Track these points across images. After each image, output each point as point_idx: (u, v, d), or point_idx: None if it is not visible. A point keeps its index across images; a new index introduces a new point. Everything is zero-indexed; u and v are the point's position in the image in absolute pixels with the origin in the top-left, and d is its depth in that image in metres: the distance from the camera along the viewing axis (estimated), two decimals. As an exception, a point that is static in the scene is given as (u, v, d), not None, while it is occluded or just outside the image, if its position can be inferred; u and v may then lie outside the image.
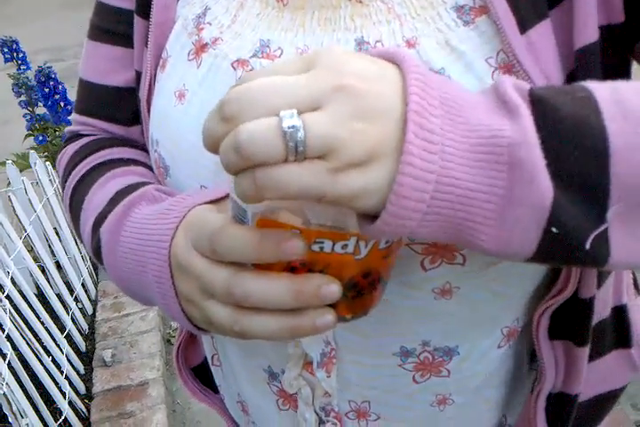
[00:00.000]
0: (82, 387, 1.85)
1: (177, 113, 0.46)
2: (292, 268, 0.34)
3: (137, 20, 0.51)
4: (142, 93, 0.51)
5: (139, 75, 0.53)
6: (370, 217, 0.31)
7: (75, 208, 0.53)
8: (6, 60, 2.27)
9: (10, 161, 2.02)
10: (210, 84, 0.44)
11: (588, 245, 0.31)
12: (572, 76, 0.39)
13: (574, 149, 0.30)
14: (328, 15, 0.41)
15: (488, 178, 0.30)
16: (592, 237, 0.31)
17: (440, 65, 0.39)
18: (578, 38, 0.38)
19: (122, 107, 0.56)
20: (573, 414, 0.49)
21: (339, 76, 0.29)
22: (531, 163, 0.30)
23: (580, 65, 0.38)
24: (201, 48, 0.45)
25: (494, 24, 0.38)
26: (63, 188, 0.57)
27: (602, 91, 0.32)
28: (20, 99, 2.21)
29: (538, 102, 0.31)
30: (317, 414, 0.50)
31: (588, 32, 0.37)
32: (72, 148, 0.59)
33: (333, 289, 0.33)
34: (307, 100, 0.29)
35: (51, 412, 1.58)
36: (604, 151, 0.30)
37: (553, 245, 0.31)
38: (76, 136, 0.60)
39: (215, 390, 0.65)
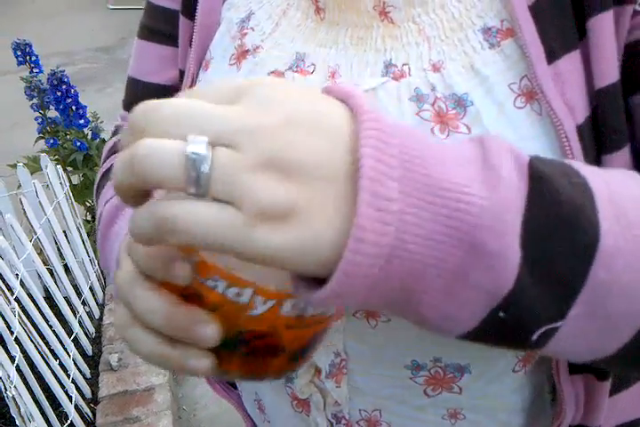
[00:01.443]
0: (88, 391, 1.84)
1: None
2: (185, 295, 0.30)
3: (182, 21, 0.52)
4: (183, 89, 0.52)
5: (182, 74, 0.54)
6: (307, 280, 0.28)
7: (98, 192, 0.59)
8: (19, 63, 2.28)
9: (21, 164, 2.02)
10: None
11: (534, 337, 0.29)
12: (594, 113, 0.38)
13: (563, 238, 0.28)
14: (361, 34, 0.42)
15: (444, 254, 0.26)
16: (543, 330, 0.29)
17: (464, 89, 0.38)
18: (598, 77, 0.37)
19: None
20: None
21: (265, 116, 0.25)
22: (496, 250, 0.27)
23: (601, 104, 0.38)
24: (242, 54, 0.46)
25: (520, 48, 0.38)
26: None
27: (597, 183, 0.30)
28: (32, 102, 2.22)
29: (539, 179, 0.28)
30: (329, 420, 0.50)
31: (608, 72, 0.37)
32: (113, 141, 0.62)
33: (208, 332, 0.29)
34: (221, 134, 0.25)
35: (57, 415, 1.58)
36: (591, 248, 0.28)
37: (496, 328, 0.29)
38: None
39: (234, 385, 0.65)
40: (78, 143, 2.20)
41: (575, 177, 0.30)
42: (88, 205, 2.39)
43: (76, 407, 1.67)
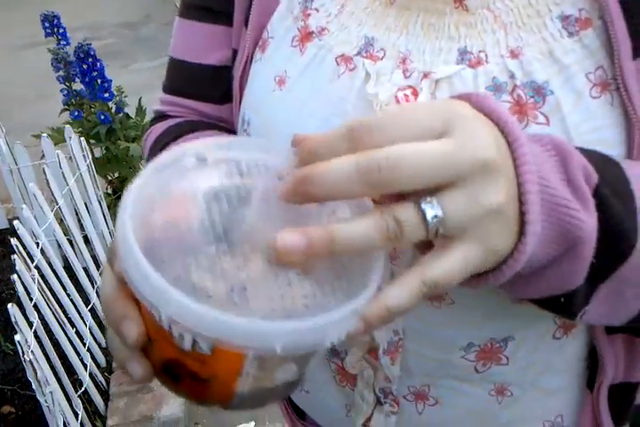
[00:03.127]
0: (103, 360, 1.88)
1: (274, 99, 0.46)
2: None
3: None
4: (237, 73, 0.51)
5: (235, 53, 0.53)
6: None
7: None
8: (47, 35, 2.30)
9: (45, 134, 2.05)
10: (311, 75, 0.44)
11: (578, 316, 0.38)
12: None
13: (608, 257, 0.35)
14: (432, 21, 0.41)
15: (551, 249, 0.34)
16: (582, 312, 0.38)
17: (544, 77, 0.38)
18: None
19: (216, 85, 0.56)
20: (636, 402, 0.49)
21: (476, 159, 0.29)
22: (586, 257, 0.34)
23: None
24: (306, 36, 0.45)
25: (598, 39, 0.38)
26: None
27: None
28: (59, 74, 2.23)
29: (603, 207, 0.34)
30: (376, 395, 0.50)
31: None
32: (159, 128, 0.59)
33: (130, 329, 0.32)
34: (449, 178, 0.29)
35: (72, 382, 1.61)
36: (622, 262, 0.35)
37: (555, 302, 0.37)
38: (162, 117, 0.61)
39: None
40: (102, 116, 2.21)
41: (628, 199, 0.35)
42: (109, 178, 2.41)
43: (91, 376, 1.71)
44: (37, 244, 1.57)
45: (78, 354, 1.66)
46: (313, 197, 0.30)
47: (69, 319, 1.66)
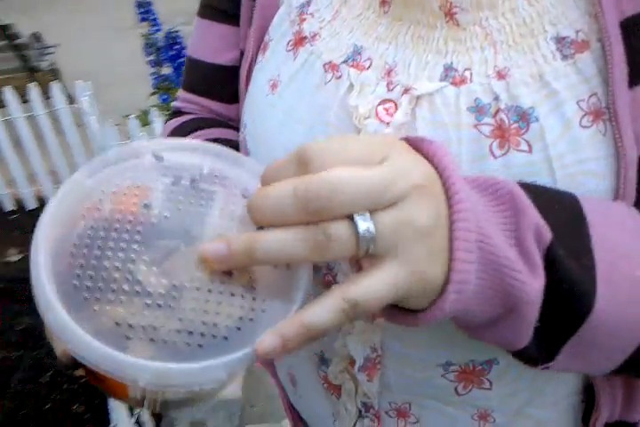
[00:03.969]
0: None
1: (266, 103, 0.46)
2: None
3: (244, 0, 0.51)
4: (242, 74, 0.52)
5: (242, 54, 0.53)
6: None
7: None
8: (142, 20, 2.39)
9: (132, 115, 2.14)
10: (300, 81, 0.44)
11: (540, 367, 0.37)
12: None
13: (564, 316, 0.34)
14: (422, 33, 0.39)
15: (491, 307, 0.33)
16: (541, 366, 0.37)
17: (530, 102, 0.36)
18: None
19: (227, 85, 0.56)
20: None
21: (405, 184, 0.29)
22: (529, 319, 0.33)
23: None
24: (299, 41, 0.44)
25: (595, 64, 0.36)
26: None
27: (601, 262, 0.34)
28: (150, 58, 2.33)
29: (553, 267, 0.32)
30: (358, 408, 0.50)
31: None
32: (173, 124, 0.61)
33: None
34: (386, 201, 0.29)
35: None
36: (581, 320, 0.33)
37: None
38: (179, 113, 0.62)
39: None
40: (187, 101, 2.29)
41: (585, 257, 0.33)
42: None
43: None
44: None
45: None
46: (256, 222, 0.30)
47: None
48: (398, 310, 0.34)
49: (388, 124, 0.39)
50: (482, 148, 0.37)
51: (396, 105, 0.39)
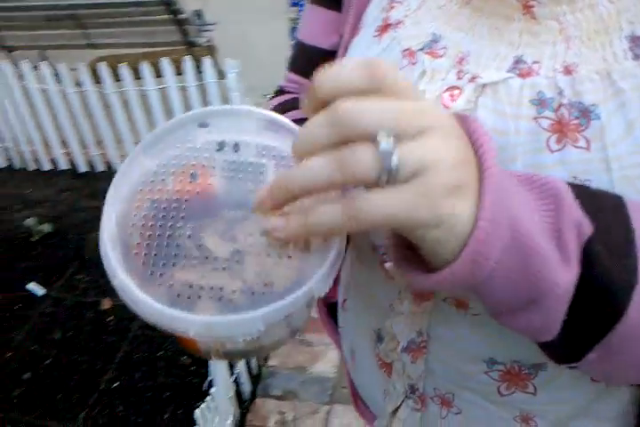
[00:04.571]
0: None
1: None
2: None
3: None
4: (338, 57, 0.54)
5: (341, 38, 0.55)
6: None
7: None
8: (292, 5, 2.48)
9: (269, 95, 2.23)
10: None
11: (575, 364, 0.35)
12: None
13: (592, 319, 0.32)
14: (499, 25, 0.40)
15: (513, 291, 0.32)
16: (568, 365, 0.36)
17: (592, 100, 0.36)
18: None
19: None
20: None
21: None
22: (553, 313, 0.32)
23: None
24: (385, 27, 0.46)
25: None
26: None
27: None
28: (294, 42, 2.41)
29: (590, 264, 0.31)
30: (406, 388, 0.51)
31: None
32: (275, 101, 0.65)
33: None
34: (414, 128, 0.29)
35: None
36: (611, 325, 0.32)
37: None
38: (282, 92, 0.66)
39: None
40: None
41: (627, 259, 0.32)
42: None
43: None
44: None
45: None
46: (296, 156, 0.31)
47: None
48: (412, 264, 0.34)
49: (449, 109, 0.40)
50: (539, 141, 0.37)
51: (461, 92, 0.40)
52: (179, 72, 2.62)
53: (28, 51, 4.01)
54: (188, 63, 2.56)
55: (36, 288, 2.34)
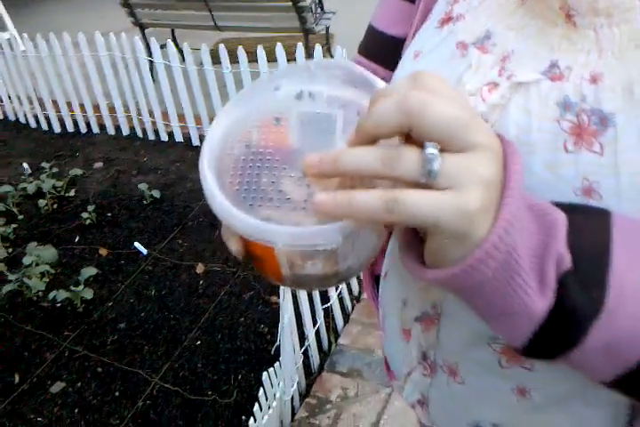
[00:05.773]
0: (356, 289, 2.13)
1: (407, 69, 0.52)
2: None
3: None
4: (406, 45, 0.57)
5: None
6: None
7: None
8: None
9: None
10: (435, 54, 0.49)
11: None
12: None
13: (559, 342, 0.36)
14: (545, 28, 0.43)
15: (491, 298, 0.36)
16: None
17: (611, 109, 0.38)
18: None
19: (394, 54, 0.62)
20: None
21: (492, 142, 0.33)
22: (520, 330, 0.36)
23: None
24: (447, 19, 0.50)
25: None
26: None
27: (613, 297, 0.35)
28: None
29: (563, 294, 0.34)
30: (419, 355, 0.56)
31: None
32: None
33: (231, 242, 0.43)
34: (460, 142, 0.32)
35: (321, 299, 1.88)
36: (571, 346, 0.35)
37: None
38: None
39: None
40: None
41: (597, 289, 0.35)
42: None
43: (340, 299, 1.95)
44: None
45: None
46: (362, 132, 0.34)
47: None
48: (412, 251, 0.37)
49: (485, 101, 0.43)
50: (557, 140, 0.40)
51: (498, 87, 0.43)
52: (292, 58, 2.73)
53: (160, 29, 4.28)
54: (299, 49, 2.66)
55: (140, 247, 2.55)
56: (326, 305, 1.91)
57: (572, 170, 0.39)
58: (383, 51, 0.65)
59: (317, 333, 1.90)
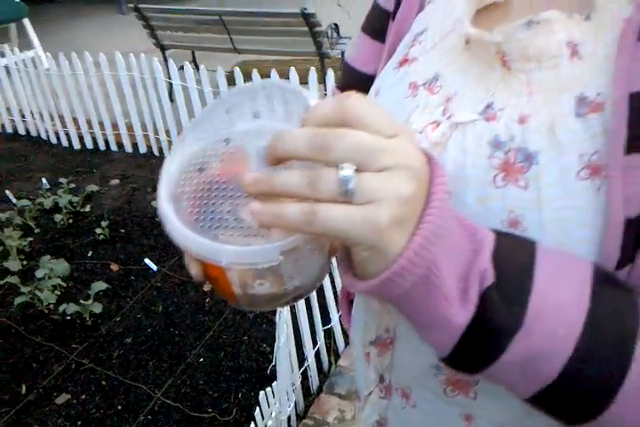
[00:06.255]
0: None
1: None
2: None
3: (390, 23, 0.60)
4: (375, 83, 0.61)
5: None
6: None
7: None
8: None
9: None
10: (391, 93, 0.53)
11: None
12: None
13: (482, 351, 0.38)
14: (485, 71, 0.45)
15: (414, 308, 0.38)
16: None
17: (536, 148, 0.41)
18: None
19: (367, 90, 0.65)
20: None
21: (410, 162, 0.34)
22: (445, 340, 0.38)
23: None
24: (404, 61, 0.53)
25: (602, 125, 0.39)
26: None
27: (533, 311, 0.37)
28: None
29: (484, 307, 0.37)
30: (376, 377, 0.58)
31: None
32: None
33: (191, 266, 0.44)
34: (378, 164, 0.34)
35: (322, 320, 1.91)
36: (492, 360, 0.38)
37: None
38: None
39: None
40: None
41: (517, 306, 0.37)
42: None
43: (341, 322, 1.96)
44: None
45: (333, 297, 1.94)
46: (275, 156, 0.36)
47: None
48: (349, 266, 0.39)
49: (427, 138, 0.46)
50: (487, 176, 0.42)
51: (440, 126, 0.46)
52: (304, 81, 2.80)
53: (181, 50, 4.39)
54: (312, 73, 2.73)
55: (151, 264, 2.61)
56: (327, 326, 1.94)
57: (500, 203, 0.42)
58: (358, 87, 0.68)
59: (318, 354, 1.93)
